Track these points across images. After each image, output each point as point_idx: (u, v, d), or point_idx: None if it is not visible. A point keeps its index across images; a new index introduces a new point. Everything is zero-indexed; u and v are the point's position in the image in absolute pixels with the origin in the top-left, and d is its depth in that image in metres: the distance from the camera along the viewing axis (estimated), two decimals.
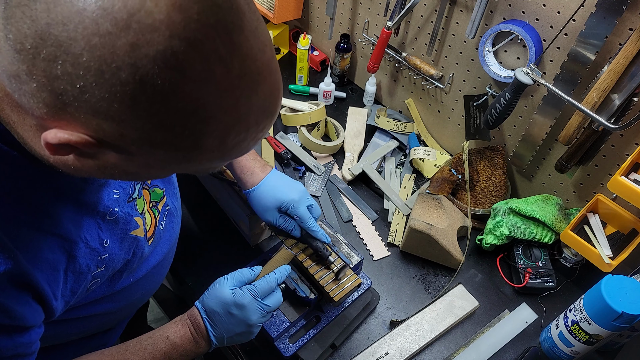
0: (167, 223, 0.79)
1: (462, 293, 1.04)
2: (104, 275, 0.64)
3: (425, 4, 1.17)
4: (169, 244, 0.81)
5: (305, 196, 0.89)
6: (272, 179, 0.89)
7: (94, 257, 0.60)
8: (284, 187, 0.88)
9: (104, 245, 0.62)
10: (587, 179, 1.06)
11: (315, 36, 1.60)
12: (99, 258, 0.61)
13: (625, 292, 0.80)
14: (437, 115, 1.33)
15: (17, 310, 0.51)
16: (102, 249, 0.61)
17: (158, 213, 0.75)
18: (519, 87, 0.94)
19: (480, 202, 1.16)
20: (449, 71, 1.22)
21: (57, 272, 0.55)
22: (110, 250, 0.63)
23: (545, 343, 0.97)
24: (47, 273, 0.54)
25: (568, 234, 0.98)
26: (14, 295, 0.51)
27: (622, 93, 0.88)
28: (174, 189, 0.83)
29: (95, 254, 0.60)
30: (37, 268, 0.52)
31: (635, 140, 0.94)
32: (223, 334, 0.74)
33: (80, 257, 0.58)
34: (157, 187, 0.76)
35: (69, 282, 0.58)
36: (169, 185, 0.81)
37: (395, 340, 0.96)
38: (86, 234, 0.58)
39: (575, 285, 1.08)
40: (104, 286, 0.67)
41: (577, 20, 0.90)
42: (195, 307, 0.76)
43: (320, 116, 1.30)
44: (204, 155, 0.44)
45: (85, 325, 0.73)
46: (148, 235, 0.72)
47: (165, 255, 0.80)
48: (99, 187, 0.60)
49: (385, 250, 1.12)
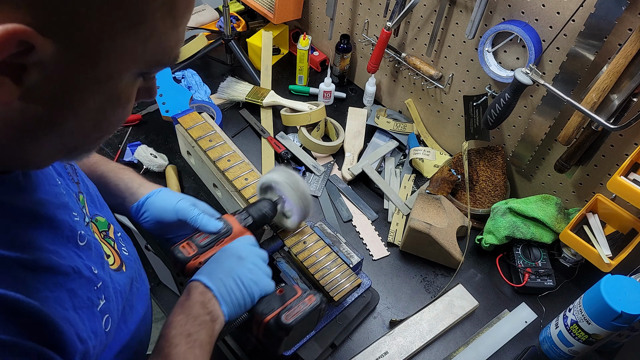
0: (129, 248, 0.72)
1: (462, 293, 1.04)
2: (110, 311, 0.57)
3: (425, 5, 1.17)
4: (141, 269, 0.74)
5: (192, 200, 0.86)
6: (163, 191, 0.86)
7: (91, 289, 0.54)
8: (174, 196, 0.86)
9: (94, 272, 0.55)
10: (586, 179, 1.06)
11: (315, 36, 1.60)
12: (95, 288, 0.55)
13: (624, 292, 0.81)
14: (437, 116, 1.33)
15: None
16: (94, 277, 0.55)
17: (113, 242, 0.67)
18: (518, 87, 0.95)
19: (479, 202, 1.17)
20: (448, 71, 1.22)
21: (67, 310, 0.49)
22: (102, 279, 0.56)
23: (545, 343, 0.97)
24: (57, 310, 0.47)
25: (567, 234, 0.98)
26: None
27: (622, 93, 0.88)
28: (112, 216, 0.74)
29: (91, 284, 0.54)
30: (46, 305, 0.45)
31: (634, 140, 0.94)
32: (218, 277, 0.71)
33: (78, 290, 0.51)
34: (98, 215, 0.67)
35: (84, 320, 0.51)
36: (107, 212, 0.72)
37: (395, 340, 0.96)
38: (71, 263, 0.51)
39: (574, 285, 1.08)
40: (120, 329, 0.61)
41: (576, 21, 0.90)
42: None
43: (320, 116, 1.30)
44: (153, 16, 0.40)
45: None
46: (116, 264, 0.64)
47: (147, 297, 0.73)
48: (58, 207, 0.53)
49: (385, 250, 1.13)
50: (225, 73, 1.53)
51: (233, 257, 0.74)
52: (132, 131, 1.33)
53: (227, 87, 1.42)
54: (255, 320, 0.72)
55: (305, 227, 0.95)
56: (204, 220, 0.80)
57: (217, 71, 1.54)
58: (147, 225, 0.85)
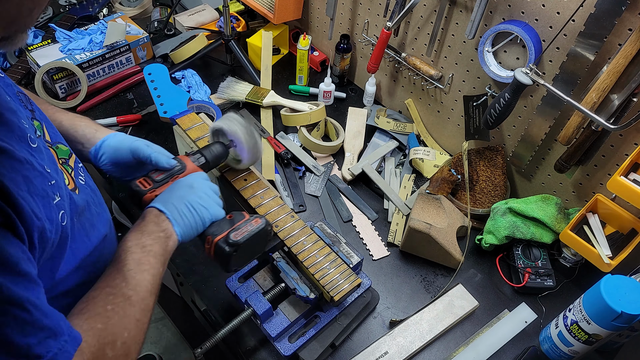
0: (87, 179, 0.75)
1: (462, 293, 1.04)
2: (65, 208, 0.59)
3: (425, 5, 1.17)
4: (103, 205, 0.77)
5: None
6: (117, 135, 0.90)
7: (45, 182, 0.56)
8: (130, 137, 0.90)
9: (47, 170, 0.58)
10: (586, 179, 1.06)
11: (315, 36, 1.60)
12: (49, 184, 0.57)
13: (624, 292, 0.81)
14: (437, 116, 1.33)
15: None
16: (47, 173, 0.57)
17: (71, 169, 0.71)
18: (518, 87, 0.95)
19: (479, 202, 1.17)
20: (448, 71, 1.22)
21: (23, 192, 0.50)
22: (55, 178, 0.59)
23: (545, 343, 0.97)
24: (13, 187, 0.49)
25: (567, 234, 0.98)
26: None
27: (622, 93, 0.88)
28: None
29: (45, 179, 0.56)
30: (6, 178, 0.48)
31: (634, 140, 0.94)
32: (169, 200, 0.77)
33: (34, 180, 0.53)
34: (60, 144, 0.71)
35: (40, 205, 0.53)
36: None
37: (395, 340, 0.96)
38: (25, 155, 0.53)
39: (574, 285, 1.08)
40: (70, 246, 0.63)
41: (576, 21, 0.90)
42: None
43: (320, 116, 1.30)
44: None
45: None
46: (71, 186, 0.67)
47: (109, 222, 0.77)
48: (6, 109, 0.56)
49: (385, 250, 1.13)
50: (225, 73, 1.53)
51: (185, 187, 0.80)
52: (132, 131, 1.33)
53: (227, 87, 1.42)
54: (207, 241, 0.79)
55: (305, 227, 0.95)
56: (158, 157, 0.85)
57: (217, 71, 1.54)
58: (106, 168, 0.89)
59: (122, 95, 1.44)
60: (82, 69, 1.37)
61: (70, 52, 1.39)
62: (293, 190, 1.23)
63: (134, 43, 1.47)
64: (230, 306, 1.00)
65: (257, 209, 0.96)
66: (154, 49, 1.56)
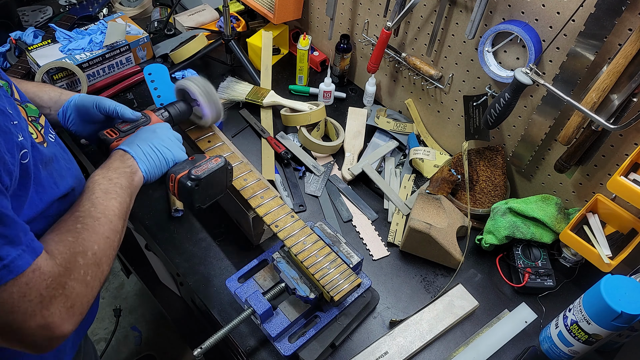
0: (57, 139, 0.78)
1: (462, 293, 1.04)
2: (27, 148, 0.62)
3: (425, 5, 1.17)
4: (73, 162, 0.81)
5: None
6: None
7: (7, 121, 0.59)
8: (93, 96, 0.94)
9: (9, 111, 0.61)
10: (586, 179, 1.06)
11: (315, 36, 1.60)
12: (12, 123, 0.60)
13: (624, 292, 0.81)
14: (437, 116, 1.33)
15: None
16: (9, 114, 0.61)
17: (41, 127, 0.74)
18: (518, 87, 0.95)
19: (479, 202, 1.17)
20: (448, 71, 1.22)
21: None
22: (17, 120, 0.62)
23: (545, 343, 0.97)
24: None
25: (567, 234, 0.98)
26: None
27: (622, 93, 0.88)
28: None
29: (7, 118, 0.60)
30: None
31: (634, 140, 0.94)
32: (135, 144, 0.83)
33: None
34: (29, 103, 0.76)
35: (1, 140, 0.56)
36: None
37: (395, 340, 0.96)
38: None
39: (574, 285, 1.08)
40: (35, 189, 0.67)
41: (576, 21, 0.90)
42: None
43: (320, 116, 1.30)
44: None
45: None
46: (39, 140, 0.70)
47: (79, 178, 0.80)
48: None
49: (385, 250, 1.13)
50: (225, 73, 1.53)
51: (149, 132, 0.87)
52: None
53: (227, 87, 1.42)
54: (171, 179, 0.85)
55: (305, 227, 0.95)
56: (123, 109, 0.90)
57: (217, 71, 1.54)
58: (74, 128, 0.93)
59: (122, 95, 1.44)
60: (82, 69, 1.37)
61: (70, 52, 1.39)
62: (293, 190, 1.23)
63: (134, 43, 1.47)
64: (230, 306, 1.00)
65: (257, 209, 0.96)
66: (154, 49, 1.56)
